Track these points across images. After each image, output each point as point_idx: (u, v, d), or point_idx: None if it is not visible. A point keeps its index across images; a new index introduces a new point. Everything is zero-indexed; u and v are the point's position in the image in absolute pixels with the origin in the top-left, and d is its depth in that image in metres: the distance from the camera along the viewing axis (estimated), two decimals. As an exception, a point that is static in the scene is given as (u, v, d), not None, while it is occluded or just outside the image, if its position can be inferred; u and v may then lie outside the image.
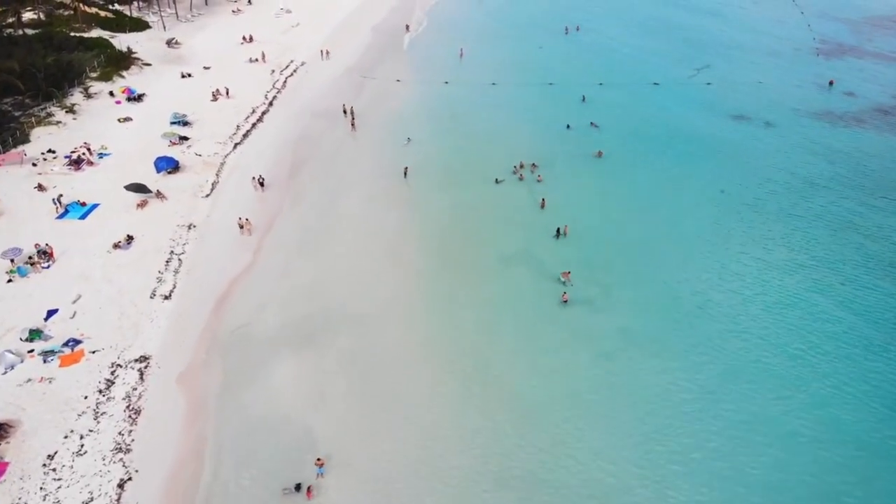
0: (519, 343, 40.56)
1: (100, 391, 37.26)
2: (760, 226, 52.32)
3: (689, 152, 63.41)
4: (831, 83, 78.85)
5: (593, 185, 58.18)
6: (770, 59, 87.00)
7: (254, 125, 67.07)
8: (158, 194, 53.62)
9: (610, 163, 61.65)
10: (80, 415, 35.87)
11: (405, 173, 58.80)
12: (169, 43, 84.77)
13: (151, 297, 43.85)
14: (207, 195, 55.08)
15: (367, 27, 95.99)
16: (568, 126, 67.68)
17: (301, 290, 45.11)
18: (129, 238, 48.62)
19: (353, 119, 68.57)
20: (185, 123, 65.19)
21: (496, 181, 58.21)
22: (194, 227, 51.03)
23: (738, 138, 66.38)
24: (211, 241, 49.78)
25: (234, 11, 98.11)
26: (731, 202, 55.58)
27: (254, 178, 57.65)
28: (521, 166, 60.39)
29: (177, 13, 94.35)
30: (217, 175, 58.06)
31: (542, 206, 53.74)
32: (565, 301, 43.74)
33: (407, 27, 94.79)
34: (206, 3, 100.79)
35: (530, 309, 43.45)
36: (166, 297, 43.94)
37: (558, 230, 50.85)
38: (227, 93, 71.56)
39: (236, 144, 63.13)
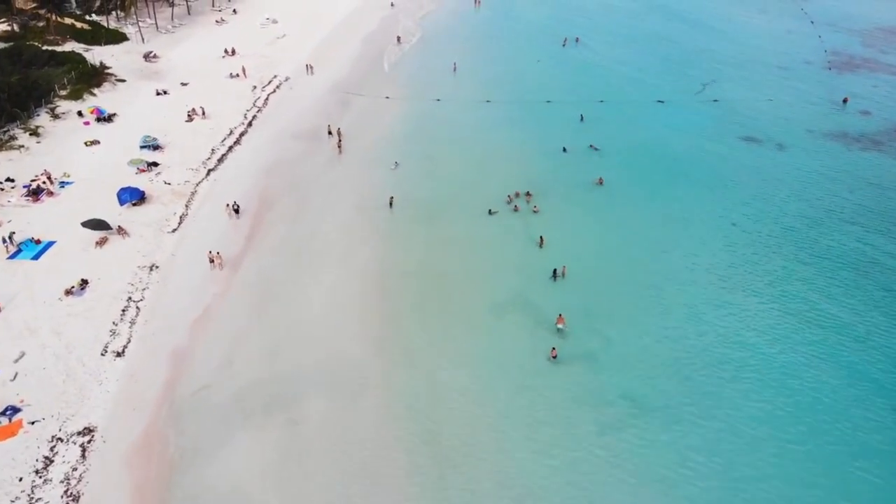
0: (509, 413, 36.07)
1: (36, 471, 32.88)
2: (778, 267, 47.81)
3: (697, 178, 58.95)
4: (845, 101, 74.43)
5: (593, 217, 53.74)
6: (779, 73, 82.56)
7: (230, 148, 62.64)
8: (120, 230, 49.20)
9: (611, 191, 57.21)
10: (12, 502, 31.51)
11: (391, 203, 54.42)
12: (146, 56, 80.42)
13: (102, 354, 39.44)
14: (174, 230, 50.65)
15: (356, 38, 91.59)
16: (564, 149, 63.23)
17: (269, 343, 40.70)
18: (84, 283, 44.20)
19: (339, 140, 64.14)
20: (156, 147, 60.78)
21: (489, 212, 53.81)
22: (156, 268, 46.61)
23: (750, 163, 61.93)
24: (174, 284, 45.40)
25: (217, 22, 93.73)
26: (744, 238, 51.11)
27: (228, 204, 53.50)
28: (517, 195, 55.97)
29: (156, 24, 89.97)
30: (186, 206, 53.64)
31: (541, 244, 49.21)
32: (554, 357, 39.35)
33: (398, 38, 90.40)
34: (189, 13, 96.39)
35: (523, 368, 39.00)
36: (119, 354, 39.52)
37: (555, 271, 46.44)
38: (203, 112, 67.14)
39: (210, 171, 58.72)
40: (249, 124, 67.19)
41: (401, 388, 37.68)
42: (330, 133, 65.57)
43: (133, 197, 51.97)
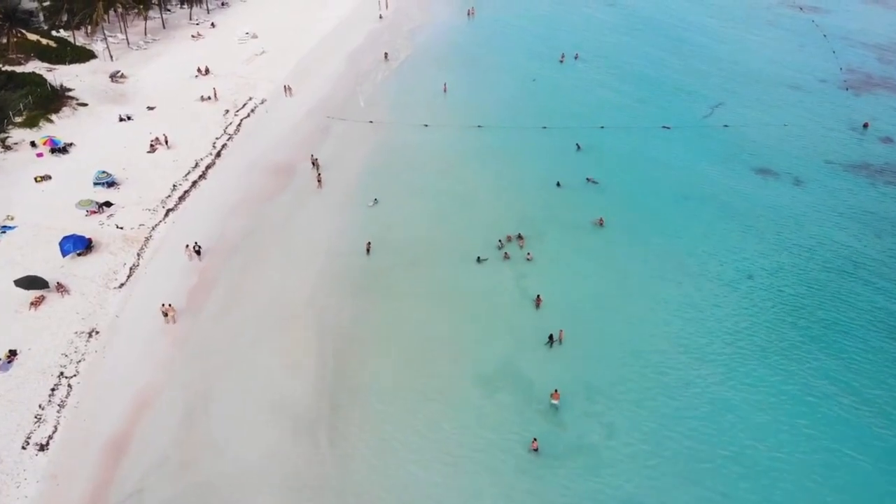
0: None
1: None
2: (803, 336, 42.14)
3: (708, 220, 53.38)
4: (866, 126, 68.87)
5: (593, 266, 48.19)
6: (793, 94, 76.91)
7: (194, 184, 57.02)
8: (59, 287, 43.63)
9: (613, 234, 51.68)
10: None
11: (368, 249, 48.85)
12: (113, 77, 74.77)
13: (24, 448, 33.96)
14: (121, 285, 45.08)
15: (341, 54, 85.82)
16: (558, 184, 57.61)
17: (213, 430, 35.18)
18: (11, 354, 38.70)
19: (318, 174, 58.46)
20: (111, 184, 55.16)
21: (478, 259, 48.28)
22: (96, 333, 41.05)
23: (765, 200, 56.35)
24: (114, 354, 39.89)
25: (193, 37, 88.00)
26: (762, 295, 45.53)
27: (188, 245, 48.35)
28: (508, 239, 50.47)
29: (127, 40, 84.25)
30: (138, 255, 48.07)
31: (538, 305, 43.56)
32: (535, 449, 33.83)
33: (385, 55, 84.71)
34: (164, 27, 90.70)
35: (509, 465, 33.46)
36: (42, 448, 34.02)
37: (551, 337, 40.89)
38: (167, 142, 61.50)
39: (169, 211, 53.13)
40: (218, 154, 61.55)
41: (361, 488, 32.12)
42: (314, 164, 59.88)
43: (78, 246, 46.35)
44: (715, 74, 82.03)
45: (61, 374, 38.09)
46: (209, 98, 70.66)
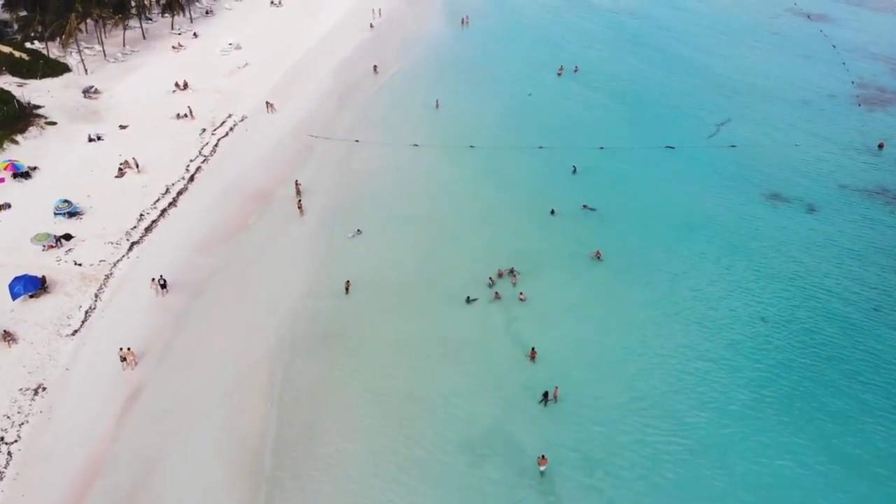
0: None
1: None
2: (828, 391, 38.21)
3: (717, 253, 49.44)
4: (881, 146, 64.99)
5: (591, 308, 44.26)
6: (802, 110, 73.02)
7: (163, 212, 53.13)
8: (5, 336, 39.73)
9: (611, 269, 47.76)
10: None
11: (347, 289, 44.94)
12: (86, 92, 70.81)
13: (-53, 533, 30.06)
14: (75, 332, 41.18)
15: (328, 67, 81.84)
16: (552, 211, 53.72)
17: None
18: (-56, 416, 34.78)
19: (299, 200, 54.49)
20: (73, 214, 51.25)
21: (467, 300, 44.36)
22: (43, 390, 37.19)
23: (777, 231, 52.44)
24: (63, 414, 36.08)
25: (174, 48, 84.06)
26: (779, 342, 41.60)
27: (154, 279, 44.68)
28: (499, 275, 46.56)
29: (104, 52, 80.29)
30: (96, 296, 44.15)
31: (532, 357, 39.54)
32: None
33: (374, 68, 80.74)
34: (144, 37, 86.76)
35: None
36: (-32, 532, 30.12)
37: (546, 394, 36.98)
38: (137, 165, 57.57)
39: (133, 244, 49.23)
40: (191, 179, 57.62)
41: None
42: (296, 189, 55.96)
43: (29, 288, 42.42)
44: (720, 88, 78.14)
45: (1, 439, 34.20)
46: (185, 116, 66.70)
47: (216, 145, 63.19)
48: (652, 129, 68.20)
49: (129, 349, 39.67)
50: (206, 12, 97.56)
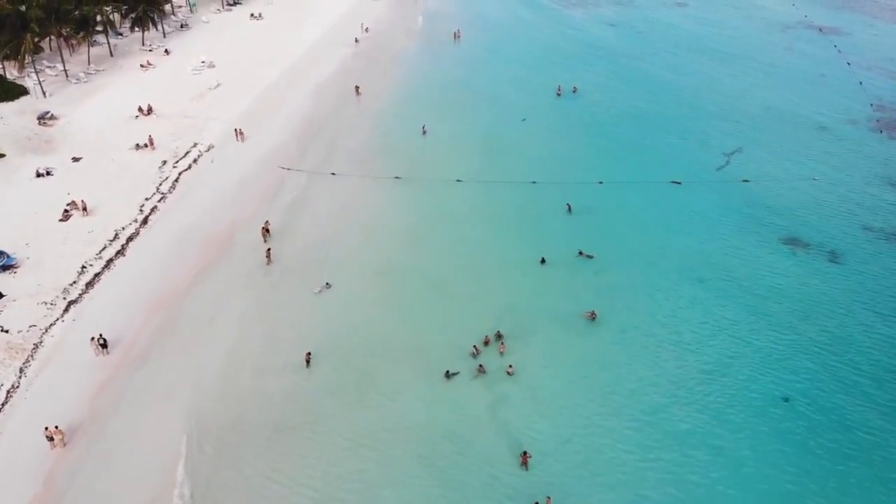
0: None
1: None
2: (861, 489, 32.62)
3: (730, 316, 43.48)
4: (907, 180, 59.28)
5: (585, 385, 38.37)
6: (818, 138, 67.15)
7: (109, 263, 47.37)
8: None
9: (608, 335, 41.89)
10: None
11: (307, 361, 39.19)
12: (41, 118, 65.16)
13: None
14: (-11, 418, 35.49)
15: (307, 87, 76.18)
16: (543, 260, 47.98)
17: None
18: None
19: (268, 249, 48.61)
20: (7, 267, 45.53)
21: (446, 375, 38.58)
22: (-61, 499, 31.43)
23: (798, 285, 46.60)
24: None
25: (143, 66, 78.35)
26: (805, 430, 35.76)
27: (93, 338, 39.54)
28: (485, 343, 40.75)
29: (66, 72, 74.54)
30: (21, 371, 38.43)
31: (525, 464, 33.46)
32: None
33: (356, 89, 74.91)
34: (112, 55, 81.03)
35: None
36: None
37: (535, 506, 31.25)
38: (85, 207, 51.82)
39: (71, 303, 43.49)
40: (145, 222, 51.85)
41: None
42: (264, 233, 50.28)
43: (-63, 365, 36.75)
44: (730, 112, 72.29)
45: None
46: (145, 146, 60.93)
47: (176, 180, 57.43)
48: (656, 160, 62.38)
49: (56, 428, 34.67)
50: (182, 26, 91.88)
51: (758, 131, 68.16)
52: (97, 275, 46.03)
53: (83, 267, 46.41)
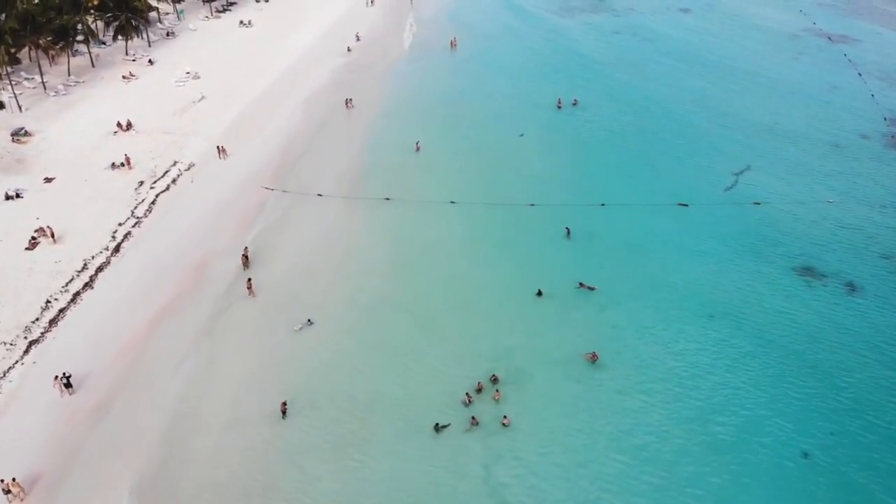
0: None
1: None
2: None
3: (743, 360, 40.18)
4: (927, 202, 56.06)
5: (586, 437, 35.22)
6: (831, 155, 63.90)
7: (76, 297, 44.18)
8: None
9: (611, 378, 38.74)
10: None
11: (283, 412, 35.99)
12: (14, 135, 61.96)
13: None
14: (-68, 481, 32.30)
15: (295, 100, 72.89)
16: (539, 293, 44.79)
17: None
18: None
19: (249, 280, 45.30)
20: (-36, 302, 42.43)
21: (436, 428, 35.38)
22: None
23: (815, 322, 43.41)
24: None
25: (125, 77, 75.11)
26: (822, 486, 32.66)
27: (57, 376, 36.83)
28: (478, 390, 37.58)
29: (44, 85, 71.34)
30: (-31, 424, 35.26)
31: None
32: None
33: (346, 102, 71.64)
34: (93, 65, 77.83)
35: None
36: None
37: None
38: (53, 234, 48.63)
39: (32, 343, 40.32)
40: (117, 250, 48.64)
41: None
42: (244, 261, 47.17)
43: None
44: (738, 126, 69.01)
45: None
46: (122, 165, 57.71)
47: (153, 202, 54.23)
48: (661, 179, 59.18)
49: (14, 480, 32.02)
50: (168, 34, 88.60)
51: (767, 148, 64.92)
52: (62, 310, 42.85)
53: (48, 302, 43.21)
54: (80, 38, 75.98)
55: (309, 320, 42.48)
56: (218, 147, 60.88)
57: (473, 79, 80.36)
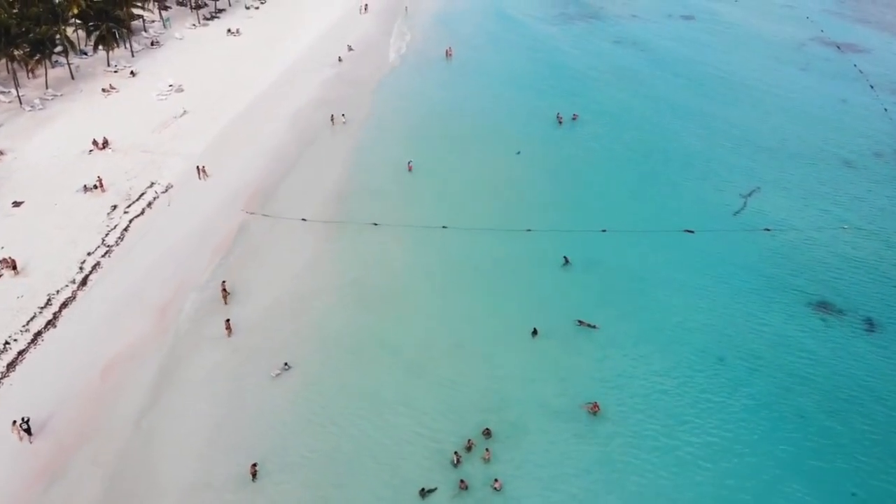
0: None
1: None
2: None
3: (754, 409, 37.11)
4: (946, 229, 52.87)
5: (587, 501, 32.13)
6: (843, 175, 60.70)
7: (36, 337, 40.97)
8: None
9: (614, 432, 35.50)
10: None
11: (253, 474, 32.76)
12: (-16, 153, 58.94)
13: None
14: None
15: (283, 114, 69.73)
16: (535, 331, 41.66)
17: None
18: None
19: (227, 322, 41.86)
20: (-88, 345, 39.27)
21: (421, 493, 32.20)
22: None
23: (832, 361, 40.34)
24: None
25: (105, 90, 71.98)
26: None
27: (15, 422, 34.19)
28: (468, 448, 34.38)
29: (20, 99, 68.16)
30: None
31: None
32: None
33: (332, 118, 68.26)
34: (73, 77, 74.65)
35: None
36: None
37: None
38: (15, 266, 45.45)
39: (-16, 393, 37.17)
40: (84, 283, 45.44)
41: None
42: (224, 295, 44.02)
43: None
44: (744, 143, 65.90)
45: None
46: (95, 187, 54.56)
47: (126, 228, 51.07)
48: (665, 203, 56.02)
49: None
50: (152, 43, 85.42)
51: (775, 167, 61.77)
52: (21, 353, 39.68)
53: (6, 343, 40.02)
54: (58, 49, 72.73)
55: (286, 364, 39.28)
56: (198, 167, 57.72)
57: (469, 91, 77.31)
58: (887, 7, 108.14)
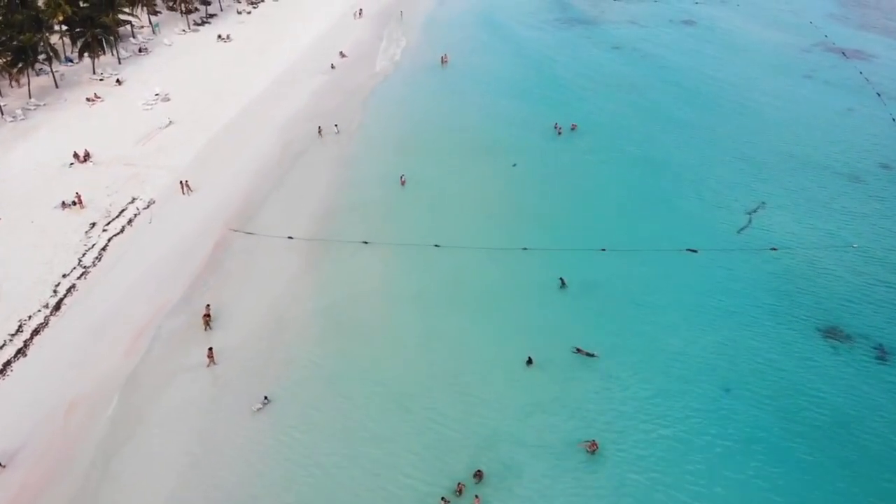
0: None
1: None
2: None
3: (762, 446, 35.00)
4: (959, 248, 50.71)
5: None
6: (850, 190, 58.46)
7: (6, 367, 38.87)
8: None
9: (615, 475, 33.36)
10: None
11: (231, 522, 30.73)
12: (-39, 167, 56.84)
13: None
14: None
15: (270, 127, 67.52)
16: (529, 360, 39.55)
17: None
18: None
19: (210, 350, 39.65)
20: None
21: (405, 542, 30.16)
22: None
23: (843, 393, 38.16)
24: None
25: (89, 99, 69.88)
26: None
27: None
28: (459, 491, 32.29)
29: (1, 109, 66.06)
30: None
31: None
32: None
33: (319, 130, 66.00)
34: (57, 86, 72.57)
35: None
36: None
37: None
38: (-15, 291, 43.46)
39: (-55, 430, 35.06)
40: (57, 307, 43.36)
41: None
42: (207, 321, 41.87)
43: None
44: (748, 156, 63.65)
45: None
46: (74, 204, 52.47)
47: (104, 248, 48.99)
48: (667, 220, 53.82)
49: None
50: (140, 50, 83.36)
51: (781, 181, 59.50)
52: (-14, 385, 37.60)
53: (-30, 374, 38.00)
54: (42, 57, 70.62)
55: (266, 398, 37.17)
56: (181, 182, 55.61)
57: (465, 100, 75.22)
58: (893, 11, 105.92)
